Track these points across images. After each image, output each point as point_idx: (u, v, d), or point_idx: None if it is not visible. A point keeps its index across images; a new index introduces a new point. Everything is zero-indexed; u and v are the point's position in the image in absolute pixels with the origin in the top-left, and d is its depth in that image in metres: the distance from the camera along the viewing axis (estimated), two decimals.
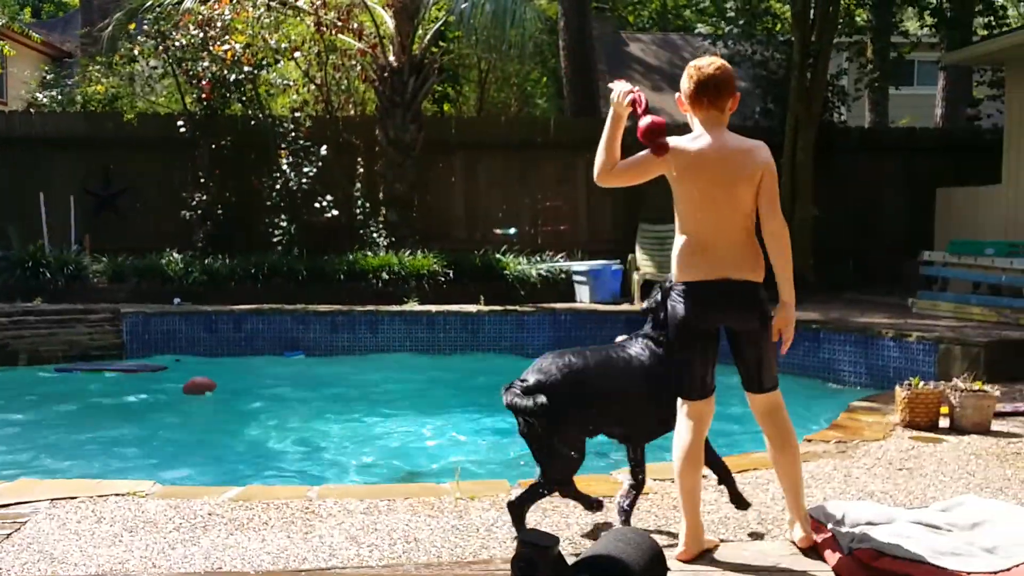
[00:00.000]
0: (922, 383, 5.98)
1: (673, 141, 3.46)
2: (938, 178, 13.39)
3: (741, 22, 15.53)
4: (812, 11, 12.93)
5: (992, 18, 16.72)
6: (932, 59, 20.21)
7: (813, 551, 3.56)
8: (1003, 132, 11.90)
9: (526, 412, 3.58)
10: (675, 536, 3.71)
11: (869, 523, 3.64)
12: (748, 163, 3.41)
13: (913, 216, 13.49)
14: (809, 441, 5.53)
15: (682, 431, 3.58)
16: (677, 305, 3.51)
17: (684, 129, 3.66)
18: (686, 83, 3.55)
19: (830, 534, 3.56)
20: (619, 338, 4.03)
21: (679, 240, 3.53)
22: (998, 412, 6.08)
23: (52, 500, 4.26)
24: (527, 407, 3.56)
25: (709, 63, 3.53)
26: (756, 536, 3.85)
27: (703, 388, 3.56)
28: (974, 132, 15.18)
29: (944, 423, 5.90)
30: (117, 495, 4.34)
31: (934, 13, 17.40)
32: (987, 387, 5.95)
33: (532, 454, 3.72)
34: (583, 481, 4.69)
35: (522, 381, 3.67)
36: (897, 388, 6.01)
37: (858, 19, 17.24)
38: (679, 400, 3.59)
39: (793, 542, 3.63)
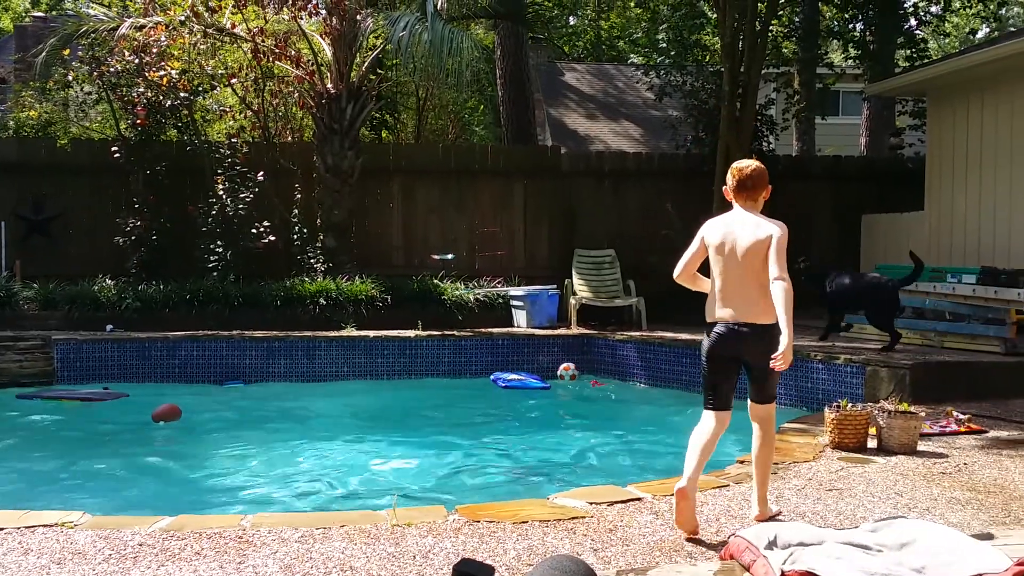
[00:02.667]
0: (850, 405, 6.12)
1: (707, 225, 4.55)
2: (863, 205, 13.79)
3: (672, 53, 15.86)
4: (741, 43, 13.26)
5: (913, 50, 17.31)
6: (856, 90, 20.82)
7: (746, 571, 3.63)
8: (925, 160, 12.30)
9: None
10: (609, 562, 3.76)
11: (800, 544, 3.71)
12: (760, 233, 4.33)
13: (840, 242, 13.85)
14: (742, 462, 5.62)
15: (702, 429, 4.39)
16: (704, 339, 4.45)
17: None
18: (730, 179, 4.53)
19: (762, 555, 3.63)
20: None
21: (710, 290, 4.49)
22: (924, 433, 6.26)
23: None
24: None
25: (748, 166, 4.53)
26: (691, 558, 3.91)
27: (722, 403, 4.44)
28: (897, 161, 15.64)
29: (872, 444, 6.05)
30: (45, 526, 4.24)
31: (858, 45, 18.01)
32: (913, 408, 6.13)
33: None
34: (519, 505, 4.73)
35: None
36: (826, 410, 6.14)
37: (785, 51, 17.72)
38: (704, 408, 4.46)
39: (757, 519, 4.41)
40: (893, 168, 15.11)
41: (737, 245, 4.37)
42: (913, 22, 18.88)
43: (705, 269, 4.54)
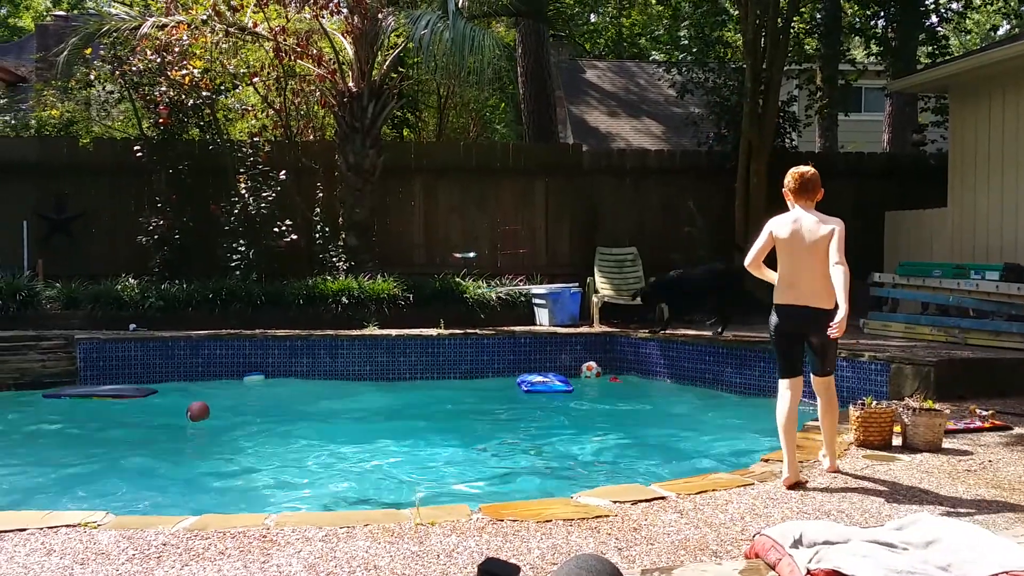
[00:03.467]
0: (875, 402, 6.08)
1: (773, 221, 5.28)
2: (886, 202, 13.67)
3: (694, 50, 15.78)
4: (763, 39, 13.18)
5: (935, 47, 17.16)
6: (878, 86, 20.66)
7: (771, 570, 3.61)
8: (948, 157, 12.19)
9: None
10: (634, 561, 3.74)
11: (826, 542, 3.68)
12: (823, 229, 5.07)
13: (863, 239, 13.71)
14: (766, 461, 5.59)
15: (782, 399, 5.19)
16: (772, 318, 5.26)
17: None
18: (791, 182, 5.26)
19: (787, 554, 3.60)
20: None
21: (778, 277, 5.24)
22: (948, 430, 6.21)
23: (0, 532, 4.18)
24: None
25: (807, 171, 5.26)
26: (716, 557, 3.88)
27: (792, 370, 5.22)
28: (920, 157, 15.51)
29: (897, 441, 6.00)
30: (68, 526, 4.25)
31: (880, 42, 17.84)
32: (937, 405, 6.08)
33: None
34: (543, 503, 4.72)
35: None
36: (851, 407, 6.11)
37: (807, 47, 17.61)
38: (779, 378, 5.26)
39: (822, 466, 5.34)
40: (916, 165, 14.99)
41: (804, 238, 5.10)
42: (934, 19, 18.69)
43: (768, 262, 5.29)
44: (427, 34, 11.17)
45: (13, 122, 15.18)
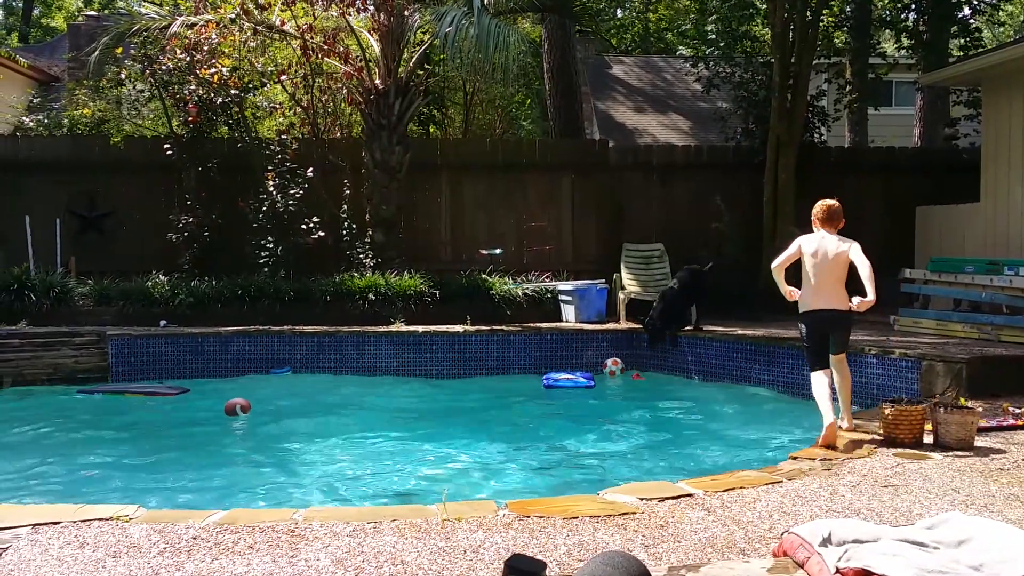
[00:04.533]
0: (906, 400, 6.02)
1: (802, 239, 6.49)
2: (917, 197, 13.53)
3: (722, 44, 15.68)
4: (791, 33, 13.08)
5: (967, 40, 16.94)
6: (910, 80, 20.41)
7: (799, 568, 3.58)
8: (980, 151, 12.04)
9: None
10: (661, 558, 3.73)
11: (856, 541, 3.65)
12: (842, 246, 6.29)
13: (893, 234, 13.61)
14: (795, 458, 5.56)
15: (819, 383, 6.29)
16: (802, 326, 6.52)
17: None
18: (820, 212, 6.49)
19: (816, 552, 3.57)
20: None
21: (804, 288, 6.48)
22: (981, 428, 6.14)
23: (34, 525, 4.23)
24: None
25: (832, 203, 6.49)
26: (743, 554, 3.86)
27: (822, 362, 6.43)
28: (952, 151, 15.33)
29: (928, 439, 5.94)
30: (100, 519, 4.31)
31: (910, 35, 17.63)
32: (969, 403, 6.01)
33: None
34: (569, 500, 4.72)
35: None
36: (882, 405, 6.06)
37: (836, 41, 17.42)
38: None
39: (841, 427, 6.30)
40: (948, 159, 14.81)
41: (828, 254, 6.32)
42: (967, 11, 18.44)
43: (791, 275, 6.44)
44: (452, 31, 11.17)
45: (46, 121, 15.37)
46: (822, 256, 6.31)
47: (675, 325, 10.67)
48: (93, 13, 21.97)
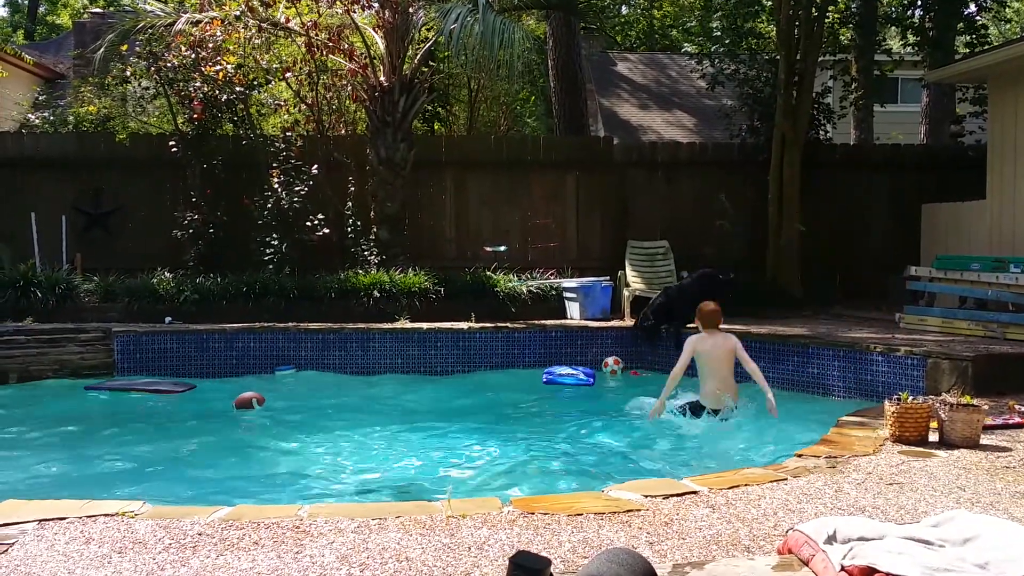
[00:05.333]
0: (911, 397, 6.01)
1: (693, 339, 7.90)
2: (923, 194, 13.51)
3: (727, 41, 15.65)
4: (797, 30, 13.05)
5: (973, 36, 16.90)
6: (915, 77, 20.38)
7: (804, 566, 3.58)
8: (986, 148, 12.01)
9: None
10: (665, 555, 3.72)
11: (861, 538, 3.64)
12: (729, 343, 7.76)
13: (898, 232, 13.59)
14: (800, 456, 5.55)
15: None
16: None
17: None
18: (701, 317, 7.90)
19: (821, 550, 3.57)
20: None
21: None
22: (987, 426, 6.12)
23: (40, 521, 4.23)
24: None
25: (713, 308, 7.88)
26: (748, 552, 3.86)
27: None
28: (958, 149, 15.30)
29: (933, 437, 5.93)
30: (106, 515, 4.32)
31: (916, 32, 17.59)
32: (975, 401, 5.99)
33: None
34: (574, 497, 4.72)
35: None
36: (886, 403, 6.04)
37: (842, 38, 17.39)
38: None
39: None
40: (954, 156, 14.77)
41: (715, 352, 7.76)
42: (973, 8, 18.42)
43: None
44: (457, 28, 11.16)
45: (52, 118, 15.41)
46: (713, 351, 7.72)
47: (676, 323, 10.62)
48: (98, 10, 21.95)
